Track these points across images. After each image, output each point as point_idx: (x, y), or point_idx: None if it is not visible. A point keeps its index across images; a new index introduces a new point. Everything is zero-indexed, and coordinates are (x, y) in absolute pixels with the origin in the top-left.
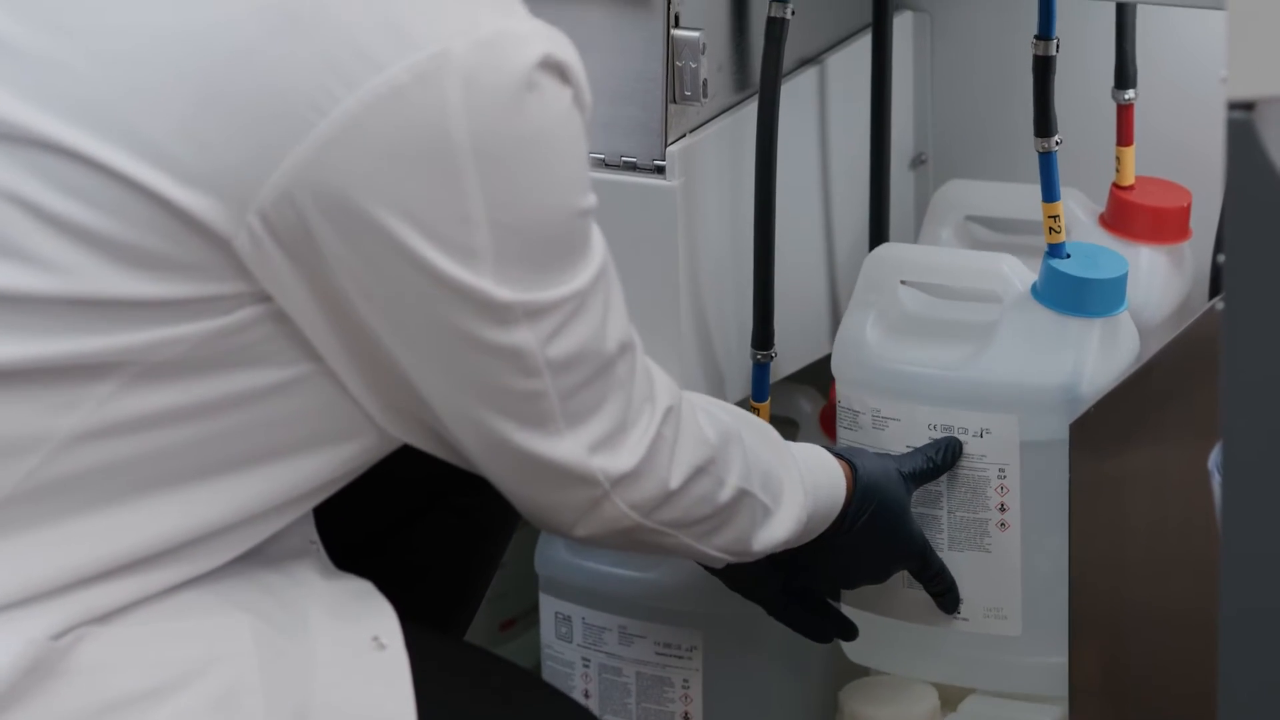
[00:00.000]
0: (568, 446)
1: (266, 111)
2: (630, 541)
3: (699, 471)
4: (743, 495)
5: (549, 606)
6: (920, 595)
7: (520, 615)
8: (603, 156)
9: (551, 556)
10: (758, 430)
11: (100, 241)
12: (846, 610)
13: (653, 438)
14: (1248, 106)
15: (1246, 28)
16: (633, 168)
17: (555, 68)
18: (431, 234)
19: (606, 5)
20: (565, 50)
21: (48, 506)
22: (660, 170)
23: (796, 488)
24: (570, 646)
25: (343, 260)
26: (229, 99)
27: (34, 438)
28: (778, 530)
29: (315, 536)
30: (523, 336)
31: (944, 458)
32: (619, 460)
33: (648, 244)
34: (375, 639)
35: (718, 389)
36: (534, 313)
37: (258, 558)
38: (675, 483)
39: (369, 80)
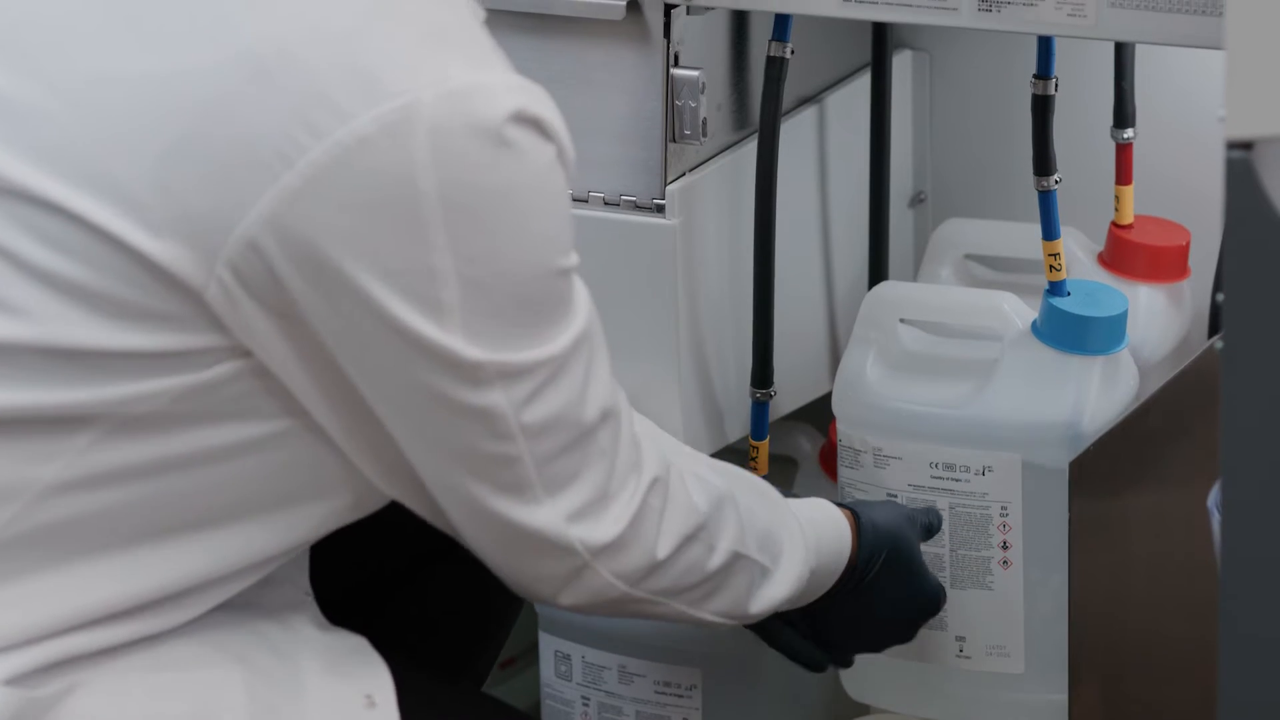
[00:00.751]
0: (545, 515)
1: (235, 161)
2: (620, 610)
3: (688, 540)
4: (736, 559)
5: (548, 645)
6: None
7: (520, 653)
8: (602, 195)
9: None
10: (753, 489)
11: (76, 291)
12: None
13: (637, 508)
14: (1246, 146)
15: (1245, 68)
16: (633, 206)
17: (532, 122)
18: (398, 287)
19: (606, 44)
20: (542, 105)
21: (26, 557)
22: (660, 209)
23: (797, 544)
24: (570, 685)
25: (316, 310)
26: (199, 148)
27: (12, 488)
28: (777, 590)
29: (309, 589)
30: (495, 398)
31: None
32: (600, 530)
33: (647, 282)
34: (368, 697)
35: (717, 427)
36: (508, 375)
37: (255, 607)
38: (663, 552)
39: (336, 131)
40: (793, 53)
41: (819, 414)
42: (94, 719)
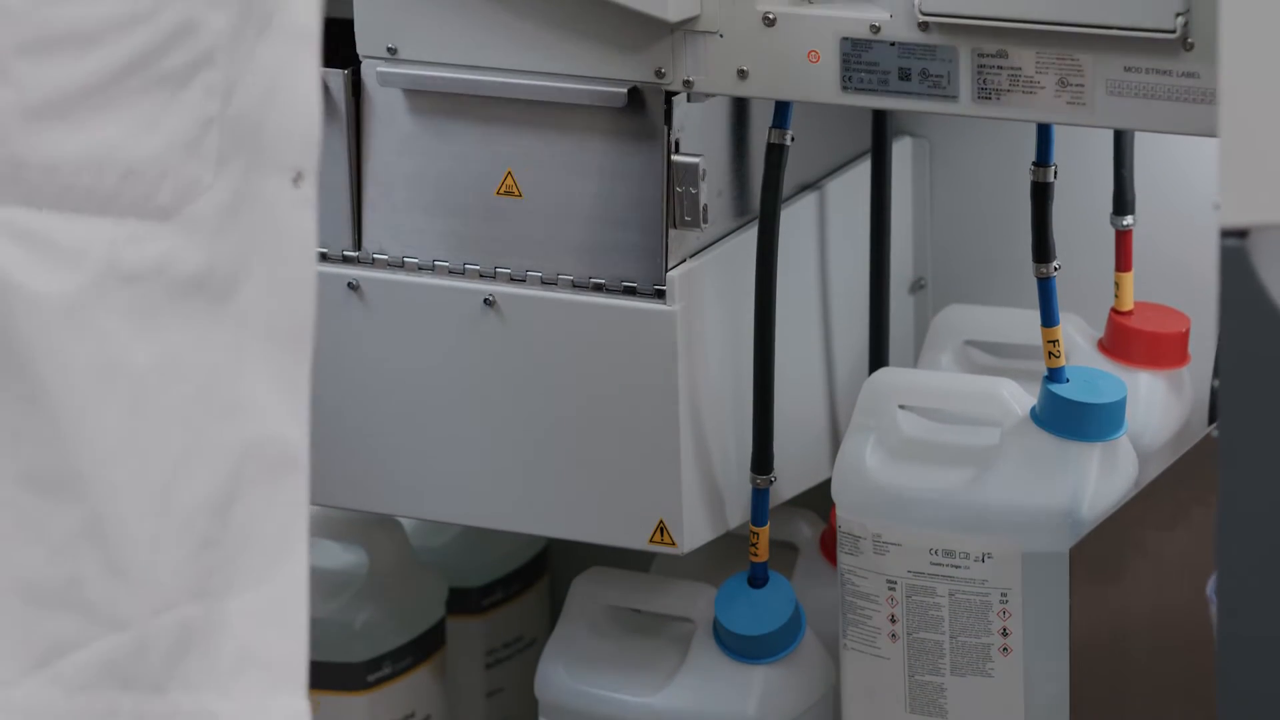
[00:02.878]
0: None
1: None
2: None
3: None
4: None
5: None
6: None
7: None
8: (603, 281)
9: (552, 680)
10: None
11: None
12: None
13: None
14: (1241, 234)
15: (1239, 155)
16: (632, 292)
17: None
18: None
19: (607, 130)
20: None
21: None
22: (660, 295)
23: None
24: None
25: None
26: None
27: None
28: None
29: None
30: None
31: None
32: None
33: (648, 368)
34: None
35: (718, 513)
36: None
37: None
38: None
39: None
40: (793, 139)
41: (820, 500)
42: None
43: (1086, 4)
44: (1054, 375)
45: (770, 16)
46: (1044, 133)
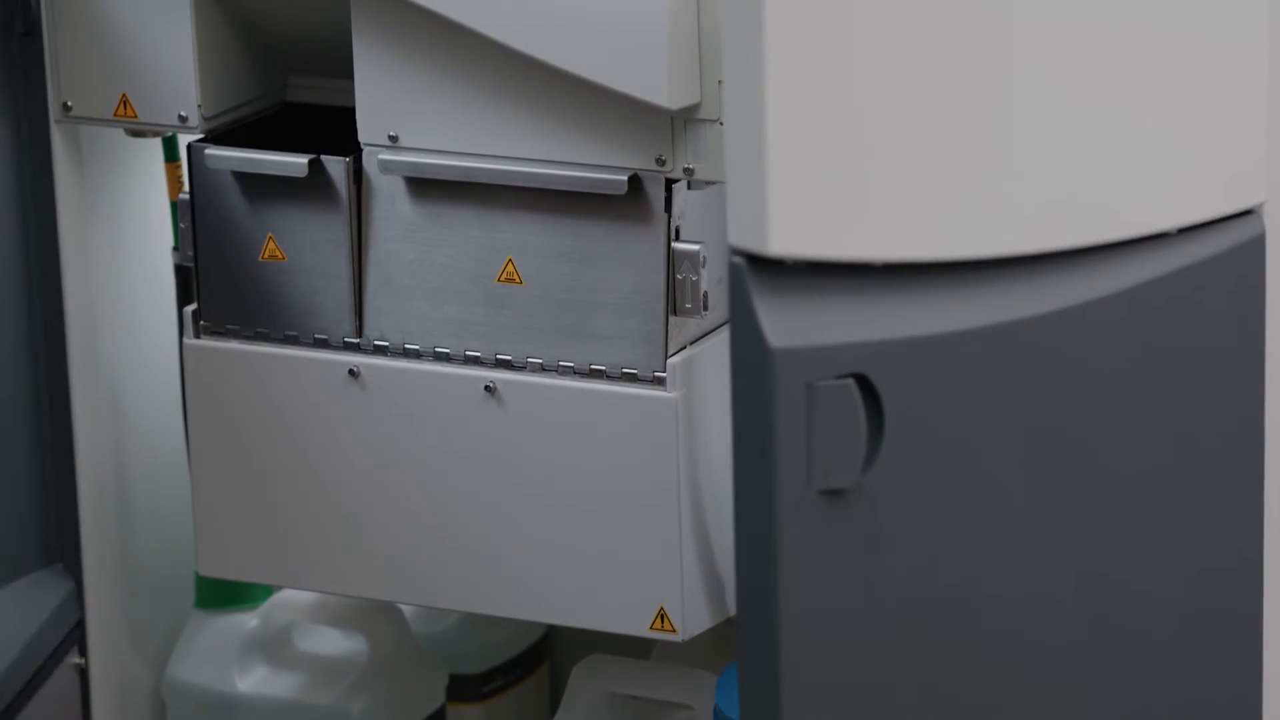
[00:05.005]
0: None
1: None
2: None
3: None
4: None
5: None
6: None
7: None
8: (603, 367)
9: None
10: None
11: None
12: None
13: None
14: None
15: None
16: (632, 379)
17: None
18: None
19: (608, 219)
20: None
21: None
22: (660, 382)
23: None
24: None
25: None
26: None
27: None
28: None
29: None
30: None
31: None
32: None
33: (647, 454)
34: None
35: (718, 600)
36: None
37: None
38: None
39: None
40: None
41: None
42: None
43: None
44: None
45: None
46: None
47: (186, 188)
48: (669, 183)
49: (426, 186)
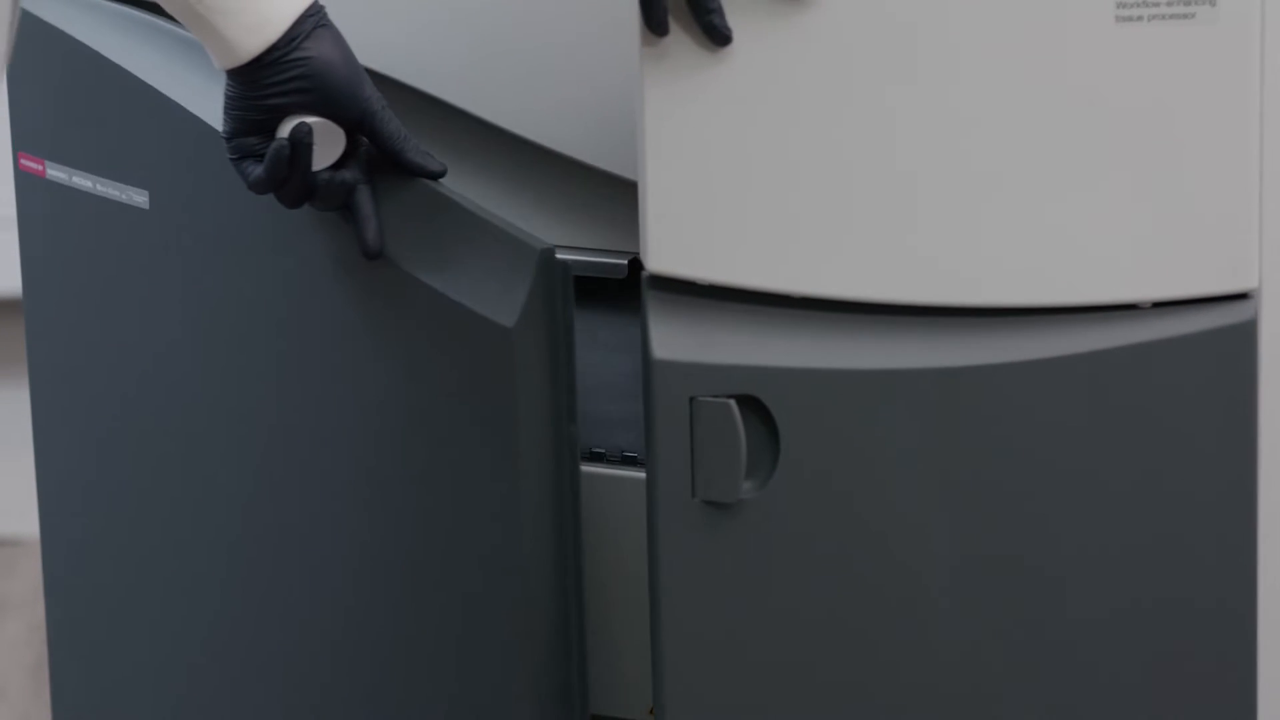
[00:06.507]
0: None
1: None
2: None
3: None
4: None
5: None
6: None
7: None
8: (603, 451)
9: None
10: None
11: None
12: None
13: None
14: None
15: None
16: (633, 462)
17: None
18: None
19: (608, 301)
20: None
21: None
22: None
23: None
24: None
25: None
26: None
27: None
28: None
29: None
30: None
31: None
32: None
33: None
34: None
35: None
36: None
37: None
38: None
39: None
40: None
41: None
42: None
43: None
44: None
45: None
46: None
47: None
48: None
49: None
